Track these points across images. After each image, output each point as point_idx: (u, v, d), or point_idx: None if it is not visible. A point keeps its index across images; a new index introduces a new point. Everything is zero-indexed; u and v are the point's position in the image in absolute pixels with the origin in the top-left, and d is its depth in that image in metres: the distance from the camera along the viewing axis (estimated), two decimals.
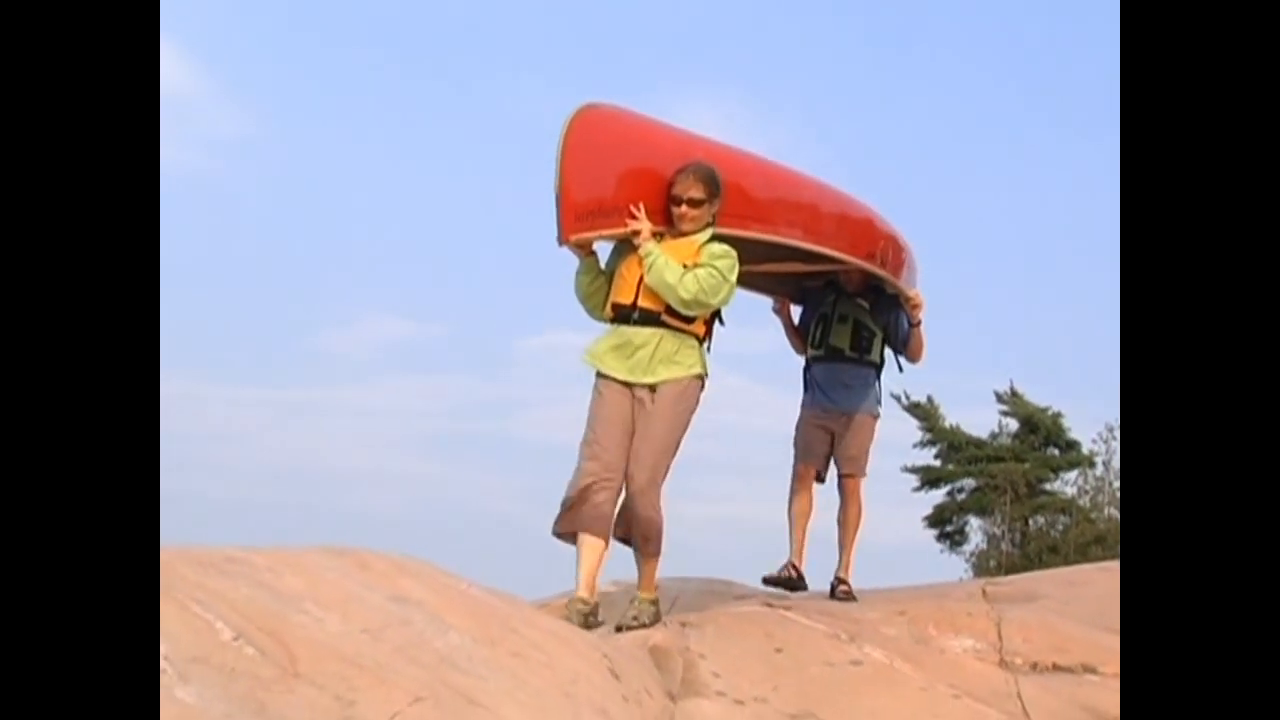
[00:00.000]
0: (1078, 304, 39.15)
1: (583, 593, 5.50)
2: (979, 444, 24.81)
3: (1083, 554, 19.03)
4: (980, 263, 40.50)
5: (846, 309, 7.25)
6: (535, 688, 3.37)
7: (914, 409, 25.00)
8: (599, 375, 5.81)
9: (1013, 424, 25.10)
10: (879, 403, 7.40)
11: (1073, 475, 24.78)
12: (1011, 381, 25.19)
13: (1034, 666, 5.74)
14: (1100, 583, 7.66)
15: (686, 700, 4.86)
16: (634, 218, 5.69)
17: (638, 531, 5.65)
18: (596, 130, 5.72)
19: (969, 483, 24.66)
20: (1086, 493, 24.50)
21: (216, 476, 36.17)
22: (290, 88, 51.34)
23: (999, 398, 25.25)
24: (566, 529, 5.67)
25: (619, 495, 5.68)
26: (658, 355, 5.71)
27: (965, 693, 5.38)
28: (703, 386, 5.87)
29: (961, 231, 40.51)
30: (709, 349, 5.93)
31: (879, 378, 7.37)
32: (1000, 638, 5.95)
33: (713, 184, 5.80)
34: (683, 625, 5.66)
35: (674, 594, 6.85)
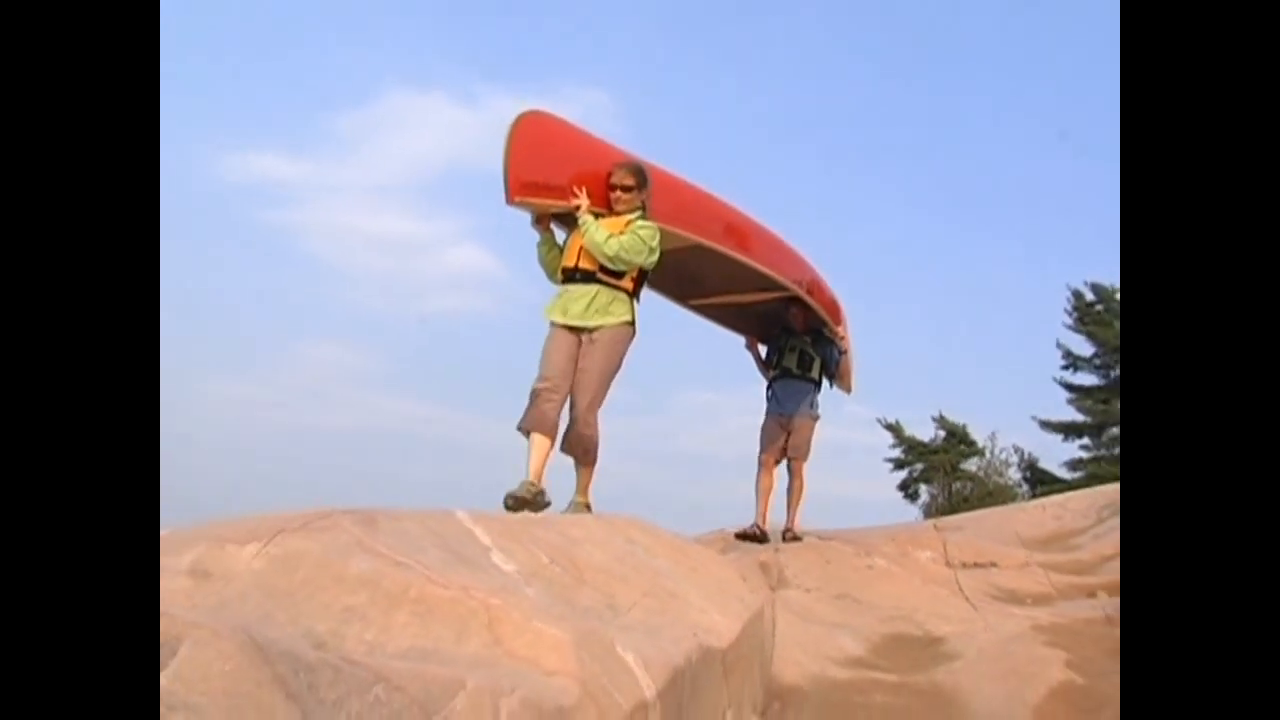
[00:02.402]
0: (982, 361, 37.65)
1: (533, 477, 4.29)
2: (924, 444, 24.19)
3: (982, 503, 18.40)
4: (927, 332, 39.19)
5: (794, 342, 6.53)
6: (704, 586, 3.37)
7: (889, 427, 24.48)
8: (551, 324, 4.50)
9: (942, 433, 24.47)
10: (817, 408, 6.54)
11: (974, 460, 24.08)
12: (941, 410, 24.66)
13: (964, 565, 5.79)
14: (994, 518, 7.76)
15: (780, 590, 4.89)
16: (576, 195, 4.47)
17: (579, 446, 4.40)
18: (543, 124, 4.49)
19: (919, 466, 24.04)
20: (981, 470, 23.82)
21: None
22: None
23: (934, 419, 24.68)
24: (524, 427, 4.38)
25: (563, 404, 4.43)
26: (594, 305, 4.44)
27: (929, 581, 5.40)
28: (633, 333, 4.53)
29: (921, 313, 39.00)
30: (639, 301, 4.60)
31: (818, 391, 6.55)
32: (945, 550, 6.00)
33: (641, 175, 4.58)
34: (775, 550, 5.68)
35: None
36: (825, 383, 6.66)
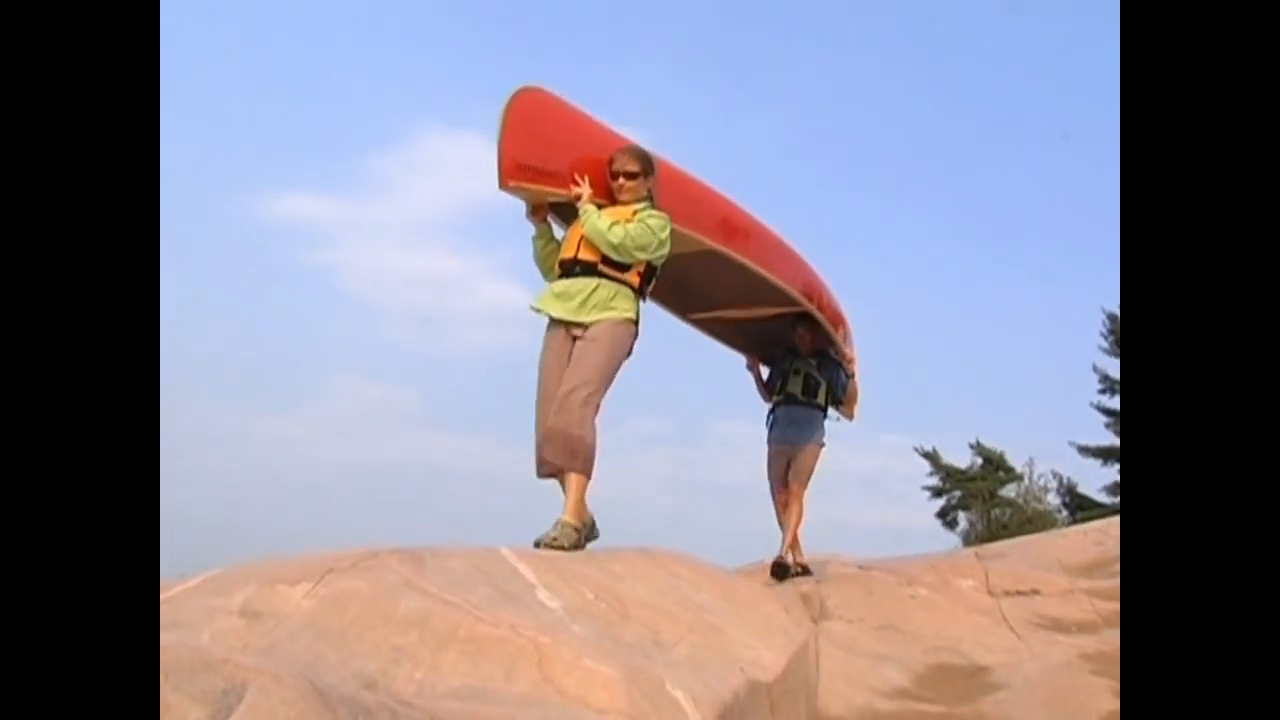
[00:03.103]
0: (1018, 387, 37.24)
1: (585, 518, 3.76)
2: (962, 472, 23.93)
3: (1020, 530, 18.15)
4: (962, 359, 38.85)
5: (800, 366, 5.98)
6: (749, 621, 3.32)
7: (926, 455, 24.27)
8: (548, 324, 3.85)
9: (979, 460, 24.18)
10: (823, 434, 6.02)
11: (1012, 486, 23.77)
12: (978, 437, 24.38)
13: (1006, 593, 5.69)
14: (1035, 545, 7.63)
15: (823, 622, 4.83)
16: (577, 184, 3.86)
17: (565, 446, 3.63)
18: (542, 102, 3.94)
19: (958, 493, 23.77)
20: (1020, 496, 23.50)
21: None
22: None
23: (971, 446, 24.41)
24: (543, 475, 3.76)
25: None
26: (592, 300, 3.75)
27: (972, 610, 5.31)
28: (635, 333, 3.83)
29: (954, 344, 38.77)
30: (644, 299, 3.91)
31: (824, 417, 6.03)
32: (988, 579, 5.90)
33: (646, 160, 3.97)
34: (817, 582, 5.60)
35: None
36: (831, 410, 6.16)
